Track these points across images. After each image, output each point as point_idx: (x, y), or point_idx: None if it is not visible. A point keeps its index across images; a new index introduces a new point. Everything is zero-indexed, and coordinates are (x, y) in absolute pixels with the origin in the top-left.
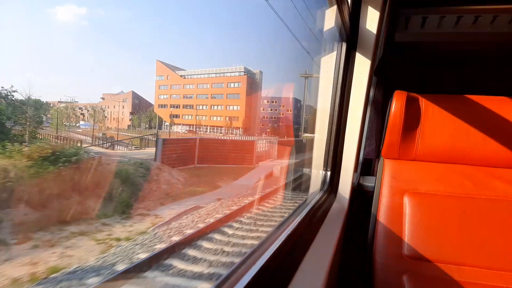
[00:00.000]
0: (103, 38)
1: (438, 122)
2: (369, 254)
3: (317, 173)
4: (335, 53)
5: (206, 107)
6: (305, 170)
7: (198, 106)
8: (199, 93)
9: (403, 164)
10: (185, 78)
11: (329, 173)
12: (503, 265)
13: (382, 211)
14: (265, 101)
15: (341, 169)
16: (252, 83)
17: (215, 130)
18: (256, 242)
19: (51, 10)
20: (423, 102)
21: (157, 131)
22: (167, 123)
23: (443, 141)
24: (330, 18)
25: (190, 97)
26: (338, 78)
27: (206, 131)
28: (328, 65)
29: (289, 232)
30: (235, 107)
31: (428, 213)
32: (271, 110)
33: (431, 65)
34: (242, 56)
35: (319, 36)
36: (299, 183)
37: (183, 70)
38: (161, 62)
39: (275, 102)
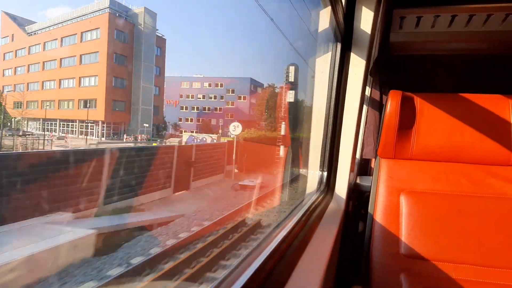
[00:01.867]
0: None
1: (433, 121)
2: (366, 254)
3: (313, 173)
4: (330, 53)
5: (54, 85)
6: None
7: (45, 84)
8: (47, 59)
9: (399, 163)
10: (35, 34)
11: (325, 173)
12: (499, 262)
13: (379, 211)
14: (206, 84)
15: (337, 170)
16: (131, 33)
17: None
18: None
19: None
20: (418, 101)
21: None
22: (18, 118)
23: (439, 140)
24: (325, 18)
25: (36, 69)
26: (333, 78)
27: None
28: (323, 65)
29: (285, 233)
30: (91, 81)
31: (425, 211)
32: (213, 98)
33: (426, 64)
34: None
35: (312, 35)
36: None
37: (35, 22)
38: (7, 13)
39: (220, 85)
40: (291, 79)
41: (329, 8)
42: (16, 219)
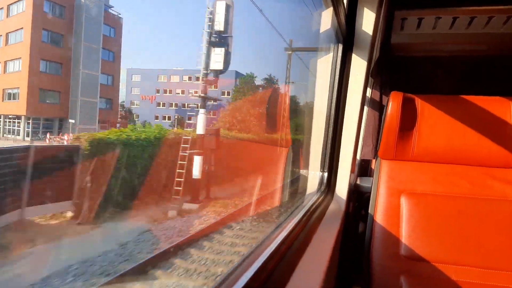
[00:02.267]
0: None
1: (434, 123)
2: (367, 255)
3: (314, 174)
4: (331, 54)
5: None
6: None
7: None
8: None
9: (399, 164)
10: None
11: (326, 174)
12: (499, 264)
13: (379, 212)
14: (186, 78)
15: (338, 170)
16: (71, 7)
17: None
18: None
19: None
20: (419, 103)
21: None
22: None
23: (440, 142)
24: (327, 19)
25: None
26: (334, 79)
27: None
28: (325, 66)
29: (286, 233)
30: (15, 66)
31: (425, 213)
32: (193, 93)
33: (427, 65)
34: None
35: (315, 36)
36: None
37: None
38: None
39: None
40: (219, 26)
41: (331, 9)
42: None
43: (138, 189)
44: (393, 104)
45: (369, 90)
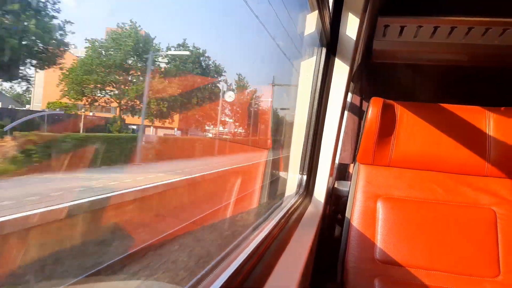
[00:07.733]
0: None
1: (412, 129)
2: (342, 257)
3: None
4: (314, 57)
5: None
6: None
7: None
8: None
9: (377, 169)
10: None
11: (305, 177)
12: (470, 270)
13: (356, 216)
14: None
15: (317, 174)
16: None
17: None
18: None
19: None
20: (399, 109)
21: None
22: None
23: (417, 148)
24: (311, 22)
25: None
26: (316, 82)
27: None
28: (307, 69)
29: (264, 235)
30: None
31: (400, 218)
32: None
33: (407, 73)
34: None
35: (299, 39)
36: None
37: None
38: None
39: None
40: None
41: (316, 12)
42: None
43: None
44: (373, 109)
45: (349, 95)
